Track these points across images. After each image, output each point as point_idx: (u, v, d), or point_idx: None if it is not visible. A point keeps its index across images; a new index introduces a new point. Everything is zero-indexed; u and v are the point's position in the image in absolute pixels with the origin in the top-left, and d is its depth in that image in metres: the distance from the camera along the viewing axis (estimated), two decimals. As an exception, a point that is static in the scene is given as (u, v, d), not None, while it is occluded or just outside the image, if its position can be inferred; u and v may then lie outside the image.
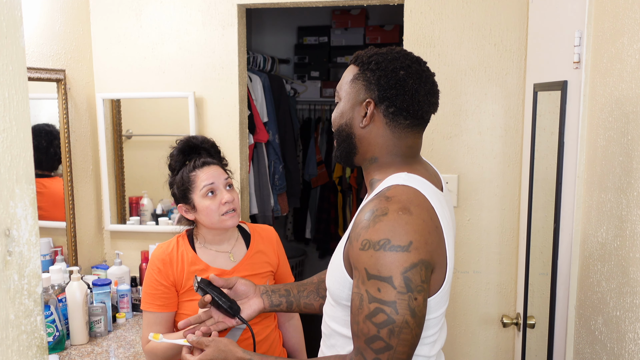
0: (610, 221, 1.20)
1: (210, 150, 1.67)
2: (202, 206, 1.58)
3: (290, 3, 2.35)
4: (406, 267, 0.97)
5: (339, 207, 4.29)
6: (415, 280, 0.97)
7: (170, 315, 1.61)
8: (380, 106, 1.10)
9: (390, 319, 0.97)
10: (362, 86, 1.12)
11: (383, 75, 1.09)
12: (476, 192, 2.19)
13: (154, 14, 2.45)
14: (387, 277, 0.97)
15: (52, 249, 2.31)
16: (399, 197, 1.02)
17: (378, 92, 1.09)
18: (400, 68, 1.09)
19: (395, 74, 1.08)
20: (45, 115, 2.34)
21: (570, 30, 1.42)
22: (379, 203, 1.02)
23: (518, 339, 1.92)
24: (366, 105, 1.11)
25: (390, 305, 0.97)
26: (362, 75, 1.12)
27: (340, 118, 1.16)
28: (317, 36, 4.29)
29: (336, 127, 1.18)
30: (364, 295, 0.99)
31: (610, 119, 1.21)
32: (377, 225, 0.99)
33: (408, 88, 1.08)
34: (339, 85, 1.18)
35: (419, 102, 1.10)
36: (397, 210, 0.99)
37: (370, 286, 0.98)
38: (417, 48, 2.17)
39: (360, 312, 1.00)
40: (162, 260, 1.61)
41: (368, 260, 0.99)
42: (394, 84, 1.08)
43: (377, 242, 0.98)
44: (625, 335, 1.11)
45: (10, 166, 0.50)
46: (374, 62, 1.10)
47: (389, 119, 1.11)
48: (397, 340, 0.97)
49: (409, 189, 1.04)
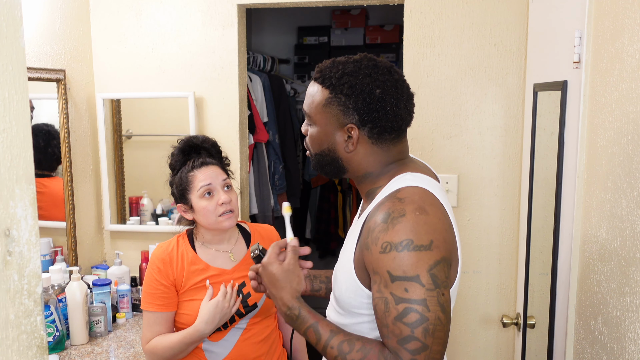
0: (610, 221, 1.20)
1: (211, 150, 1.67)
2: (199, 207, 1.58)
3: (290, 3, 2.35)
4: (431, 265, 0.97)
5: (339, 207, 4.29)
6: (440, 277, 0.98)
7: (171, 314, 1.61)
8: (363, 129, 1.08)
9: (423, 317, 0.96)
10: (338, 111, 1.07)
11: (360, 99, 1.05)
12: (476, 192, 2.19)
13: (154, 14, 2.45)
14: (414, 276, 0.96)
15: (52, 249, 2.31)
16: (412, 197, 1.02)
17: (358, 116, 1.06)
18: (376, 87, 1.05)
19: (372, 95, 1.05)
20: (45, 115, 2.34)
21: (570, 30, 1.42)
22: (393, 205, 1.01)
23: (518, 339, 1.92)
24: (348, 130, 1.08)
25: (421, 304, 0.96)
26: (336, 99, 1.07)
27: (319, 144, 1.13)
28: (317, 36, 4.29)
29: (317, 151, 1.14)
30: (388, 298, 0.98)
31: (610, 119, 1.21)
32: (397, 226, 0.98)
33: (388, 107, 1.06)
34: (307, 105, 1.13)
35: (400, 116, 1.08)
36: (414, 211, 0.99)
37: (396, 288, 0.97)
38: (417, 48, 2.17)
39: (387, 315, 0.98)
40: (162, 259, 1.61)
41: (391, 263, 0.98)
42: (374, 106, 1.05)
43: (399, 243, 0.97)
44: (626, 336, 1.11)
45: (10, 166, 0.50)
46: (347, 86, 1.06)
47: (374, 139, 1.09)
48: (432, 339, 0.96)
49: (419, 189, 1.04)
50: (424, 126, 2.19)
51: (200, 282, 1.61)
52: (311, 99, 1.12)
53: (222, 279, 1.62)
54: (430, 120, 2.18)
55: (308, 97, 1.13)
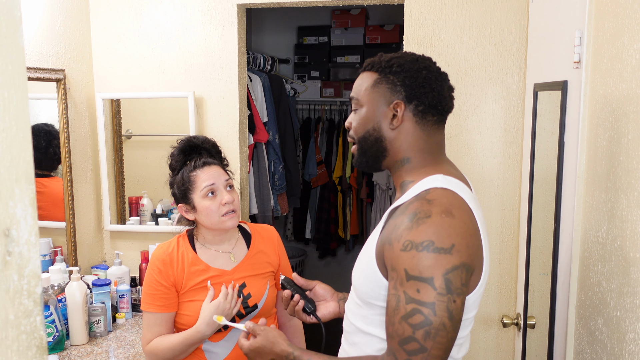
0: (610, 221, 1.20)
1: (211, 150, 1.67)
2: (202, 206, 1.58)
3: (290, 3, 2.35)
4: (448, 269, 0.97)
5: (339, 207, 4.29)
6: (455, 283, 0.97)
7: (171, 315, 1.61)
8: (409, 106, 1.12)
9: (428, 320, 0.96)
10: (386, 89, 1.12)
11: (408, 76, 1.11)
12: (476, 192, 2.18)
13: (154, 14, 2.45)
14: (428, 277, 0.96)
15: (51, 249, 2.31)
16: (440, 199, 1.03)
17: (405, 92, 1.11)
18: (423, 68, 1.12)
19: (419, 74, 1.11)
20: (45, 116, 2.34)
21: (570, 30, 1.42)
22: (420, 206, 1.02)
23: (518, 339, 1.92)
24: (394, 106, 1.12)
25: (429, 307, 0.96)
26: (385, 79, 1.13)
27: (365, 124, 1.16)
28: (317, 36, 4.29)
29: (361, 133, 1.17)
30: (401, 296, 0.99)
31: (611, 119, 1.21)
32: (421, 227, 0.99)
33: (434, 85, 1.11)
34: (355, 92, 1.18)
35: (444, 98, 1.13)
36: (440, 213, 1.00)
37: (409, 287, 0.98)
38: (417, 48, 2.17)
39: (396, 313, 0.99)
40: (163, 260, 1.61)
41: (409, 261, 0.98)
42: (420, 83, 1.11)
43: (420, 243, 0.98)
44: (626, 336, 1.11)
45: (10, 166, 0.50)
46: (395, 65, 1.12)
47: (418, 118, 1.12)
48: (432, 342, 0.96)
49: (449, 192, 1.05)
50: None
51: (200, 282, 1.61)
52: (360, 84, 1.17)
53: (222, 279, 1.62)
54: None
55: (356, 85, 1.18)
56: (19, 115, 0.51)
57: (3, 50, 0.49)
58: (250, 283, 1.64)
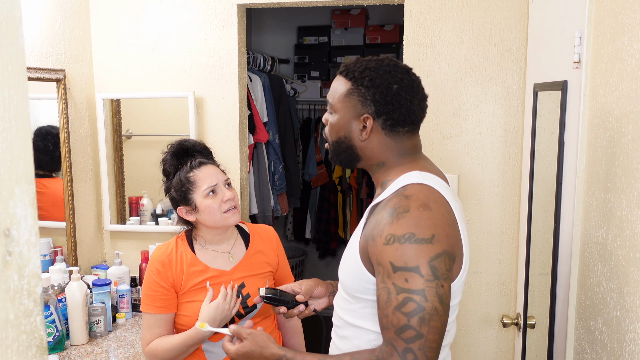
0: (610, 221, 1.20)
1: (203, 152, 1.67)
2: (204, 205, 1.58)
3: (290, 3, 2.35)
4: (432, 257, 1.01)
5: (339, 207, 4.29)
6: (440, 269, 1.01)
7: (170, 316, 1.61)
8: (377, 120, 1.14)
9: (420, 306, 0.99)
10: (357, 101, 1.15)
11: (378, 91, 1.13)
12: (476, 192, 2.19)
13: (154, 14, 2.45)
14: (414, 266, 1.00)
15: (52, 249, 2.31)
16: (417, 194, 1.07)
17: (374, 107, 1.14)
18: (394, 82, 1.13)
19: (390, 89, 1.13)
20: (45, 116, 2.34)
21: (570, 30, 1.42)
22: (399, 201, 1.07)
23: (518, 339, 1.92)
24: (364, 120, 1.15)
25: (419, 294, 0.99)
26: (357, 90, 1.15)
27: (337, 131, 1.20)
28: (317, 36, 4.29)
29: (334, 138, 1.21)
30: (391, 288, 1.02)
31: (611, 119, 1.21)
32: (401, 220, 1.03)
33: (403, 101, 1.13)
34: (330, 95, 1.21)
35: (413, 112, 1.15)
36: (418, 207, 1.04)
37: (397, 278, 1.01)
38: (417, 48, 2.17)
39: (388, 304, 1.02)
40: (162, 262, 1.61)
41: (394, 254, 1.02)
42: (389, 99, 1.13)
43: (402, 235, 1.02)
44: (626, 336, 1.11)
45: (10, 166, 0.50)
46: (367, 79, 1.14)
47: (387, 130, 1.15)
48: (427, 327, 0.99)
49: (425, 186, 1.09)
50: (424, 126, 2.15)
51: (199, 283, 1.61)
52: (335, 89, 1.20)
53: (221, 280, 1.62)
54: (430, 120, 2.18)
55: (332, 89, 1.21)
56: (19, 115, 0.51)
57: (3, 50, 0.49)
58: (249, 283, 1.64)
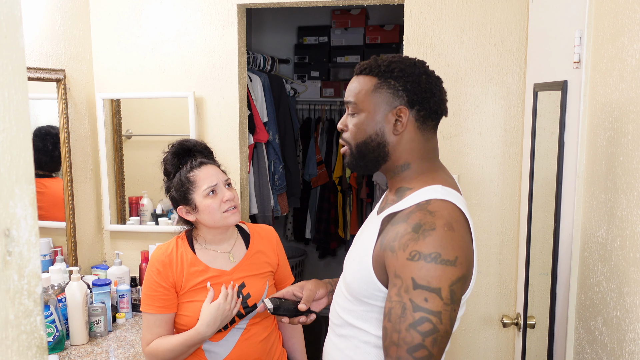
0: (610, 221, 1.20)
1: (204, 152, 1.67)
2: (204, 205, 1.58)
3: (290, 3, 2.35)
4: (453, 281, 1.01)
5: (339, 207, 4.29)
6: (457, 293, 1.02)
7: (170, 316, 1.61)
8: (411, 111, 1.13)
9: (435, 328, 0.99)
10: (388, 94, 1.13)
11: (410, 80, 1.12)
12: (476, 192, 2.19)
13: (154, 14, 2.45)
14: (436, 288, 1.00)
15: (52, 249, 2.31)
16: (442, 212, 1.05)
17: (407, 97, 1.12)
18: (422, 73, 1.13)
19: (420, 78, 1.12)
20: (45, 116, 2.34)
21: (570, 30, 1.42)
22: (424, 217, 1.05)
23: (518, 339, 1.92)
24: (398, 112, 1.12)
25: (436, 315, 0.99)
26: (386, 83, 1.13)
27: (366, 129, 1.15)
28: (317, 36, 4.29)
29: (362, 138, 1.15)
30: (407, 304, 1.01)
31: (611, 119, 1.21)
32: (427, 239, 1.02)
33: (435, 90, 1.13)
34: (352, 96, 1.16)
35: (443, 102, 1.16)
36: (444, 226, 1.03)
37: (417, 296, 1.00)
38: (417, 48, 2.17)
39: (402, 320, 1.01)
40: (162, 262, 1.61)
41: (418, 271, 1.01)
42: (422, 87, 1.12)
43: (429, 254, 1.01)
44: (626, 336, 1.11)
45: (10, 166, 0.50)
46: (396, 70, 1.12)
47: (420, 123, 1.14)
48: (437, 349, 1.00)
49: (448, 204, 1.08)
50: (424, 126, 2.18)
51: (199, 283, 1.61)
52: (357, 88, 1.16)
53: (221, 280, 1.62)
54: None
55: (352, 89, 1.17)
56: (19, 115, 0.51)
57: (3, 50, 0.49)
58: (249, 283, 1.64)
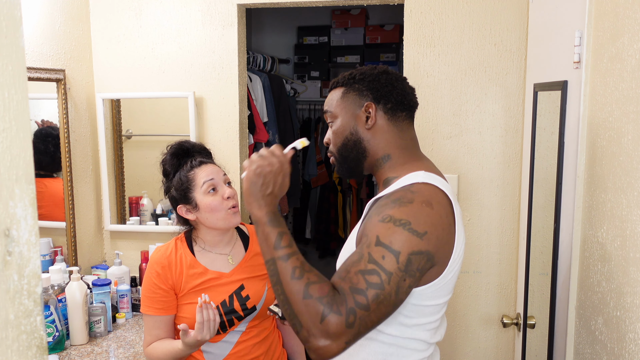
0: (610, 221, 1.20)
1: (202, 152, 1.67)
2: (204, 203, 1.58)
3: (290, 3, 2.35)
4: (414, 251, 1.03)
5: (339, 207, 4.29)
6: (414, 265, 1.03)
7: (170, 318, 1.61)
8: (378, 105, 1.21)
9: (382, 285, 1.01)
10: (355, 96, 1.23)
11: (370, 80, 1.22)
12: (476, 192, 2.19)
13: (154, 14, 2.45)
14: (396, 250, 1.02)
15: (52, 249, 2.31)
16: (423, 192, 1.10)
17: (372, 94, 1.22)
18: (381, 72, 1.24)
19: (379, 77, 1.23)
20: (45, 116, 2.34)
21: (570, 30, 1.42)
22: (404, 194, 1.10)
23: (518, 339, 1.92)
24: (366, 108, 1.21)
25: (387, 275, 1.01)
26: (351, 88, 1.24)
27: (342, 132, 1.24)
28: (317, 36, 4.29)
29: (340, 142, 1.25)
30: (364, 255, 1.03)
31: (611, 119, 1.21)
32: (402, 207, 1.07)
33: (396, 84, 1.23)
34: (328, 106, 1.27)
35: (407, 94, 1.24)
36: (421, 202, 1.08)
37: (376, 251, 1.03)
38: (417, 48, 2.17)
39: (355, 265, 1.03)
40: (161, 263, 1.61)
41: (385, 231, 1.04)
42: (383, 83, 1.22)
43: (399, 219, 1.05)
44: (626, 336, 1.11)
45: (10, 166, 0.50)
46: (358, 75, 1.24)
47: (389, 115, 1.22)
48: (375, 306, 1.00)
49: (431, 186, 1.12)
50: (424, 126, 2.18)
51: (199, 285, 1.60)
52: (330, 100, 1.27)
53: (220, 282, 1.62)
54: (430, 120, 2.18)
55: (327, 101, 1.28)
56: (19, 115, 0.51)
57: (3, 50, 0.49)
58: (248, 285, 1.64)
